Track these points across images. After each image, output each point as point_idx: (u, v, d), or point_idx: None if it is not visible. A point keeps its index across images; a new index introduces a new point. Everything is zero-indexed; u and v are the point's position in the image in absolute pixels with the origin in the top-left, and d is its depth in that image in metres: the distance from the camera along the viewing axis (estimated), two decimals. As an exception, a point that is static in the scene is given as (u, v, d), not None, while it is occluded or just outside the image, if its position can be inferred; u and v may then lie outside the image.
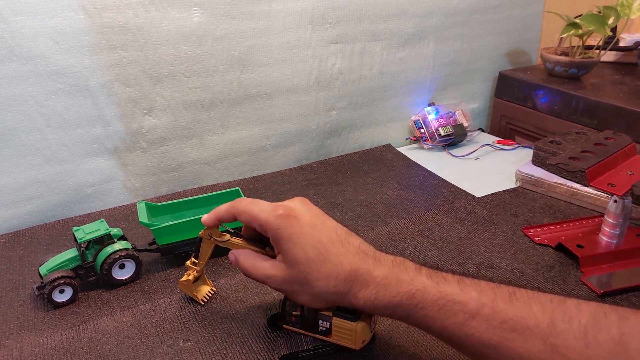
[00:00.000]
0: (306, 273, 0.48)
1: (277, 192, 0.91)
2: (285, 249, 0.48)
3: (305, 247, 0.48)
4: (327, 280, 0.47)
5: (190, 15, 0.82)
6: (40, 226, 0.81)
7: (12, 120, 0.75)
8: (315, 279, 0.47)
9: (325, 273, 0.47)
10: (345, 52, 0.99)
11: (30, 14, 0.71)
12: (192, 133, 0.90)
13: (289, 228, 0.49)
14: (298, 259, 0.48)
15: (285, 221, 0.49)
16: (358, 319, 0.49)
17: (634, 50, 1.21)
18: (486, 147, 1.09)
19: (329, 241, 0.49)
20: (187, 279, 0.60)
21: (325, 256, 0.48)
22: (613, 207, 0.67)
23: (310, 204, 0.53)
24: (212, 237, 0.56)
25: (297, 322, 0.53)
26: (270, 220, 0.49)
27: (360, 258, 0.48)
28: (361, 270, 0.47)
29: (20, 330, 0.59)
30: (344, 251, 0.49)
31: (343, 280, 0.47)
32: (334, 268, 0.47)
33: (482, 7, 1.11)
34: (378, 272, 0.47)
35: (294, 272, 0.48)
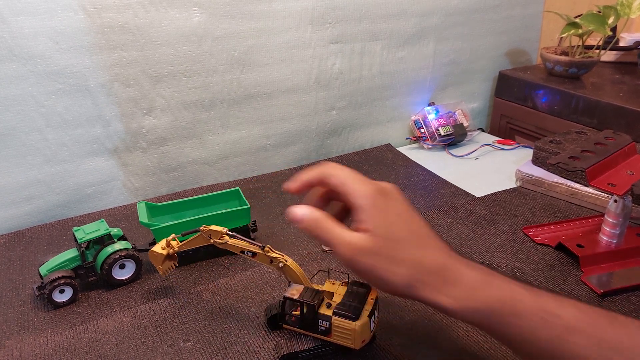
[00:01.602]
0: (394, 250, 0.44)
1: (277, 192, 0.91)
2: (377, 220, 0.45)
3: (400, 224, 0.46)
4: (414, 265, 0.44)
5: (190, 15, 0.82)
6: (40, 226, 0.81)
7: (12, 121, 0.75)
8: (401, 260, 0.44)
9: (413, 257, 0.45)
10: (345, 51, 0.99)
11: (30, 14, 0.71)
12: (192, 133, 0.90)
13: (385, 201, 0.47)
14: (389, 234, 0.45)
15: (382, 195, 0.47)
16: (357, 318, 0.49)
17: (633, 49, 1.21)
18: (486, 146, 1.09)
19: (422, 230, 0.47)
20: (160, 253, 0.60)
21: (418, 241, 0.46)
22: (613, 207, 0.67)
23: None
24: (211, 238, 0.56)
25: (297, 321, 0.53)
26: (367, 190, 0.47)
27: (451, 256, 0.46)
28: (453, 267, 0.45)
29: (21, 331, 0.59)
30: (435, 244, 0.46)
31: (430, 272, 0.44)
32: (424, 255, 0.45)
33: (482, 6, 1.11)
34: (470, 273, 0.44)
35: (380, 245, 0.44)
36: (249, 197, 0.86)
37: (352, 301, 0.51)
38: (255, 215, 0.81)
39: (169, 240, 0.60)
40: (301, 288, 0.53)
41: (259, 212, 0.84)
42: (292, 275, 0.54)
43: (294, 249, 0.74)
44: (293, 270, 0.54)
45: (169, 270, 0.62)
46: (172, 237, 0.61)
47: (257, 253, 0.55)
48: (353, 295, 0.52)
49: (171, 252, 0.60)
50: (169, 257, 0.61)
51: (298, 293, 0.52)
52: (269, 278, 0.66)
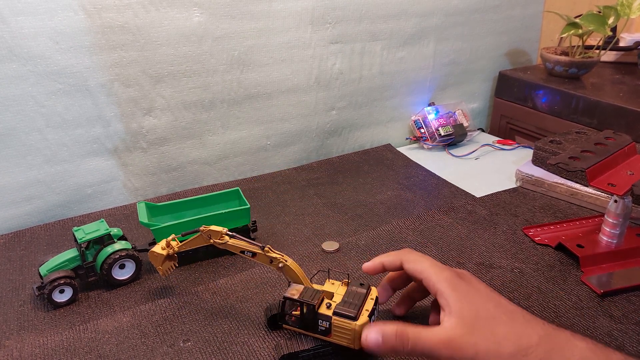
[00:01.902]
0: (492, 330, 0.44)
1: (277, 192, 0.91)
2: (462, 303, 0.45)
3: (485, 303, 0.46)
4: (519, 340, 0.43)
5: (190, 15, 0.82)
6: (40, 226, 0.81)
7: (12, 121, 0.75)
8: (504, 338, 0.43)
9: (514, 332, 0.43)
10: (345, 52, 0.99)
11: (30, 14, 0.71)
12: (192, 133, 0.90)
13: (465, 285, 0.47)
14: (479, 313, 0.45)
15: (461, 278, 0.48)
16: (357, 318, 0.49)
17: (634, 50, 1.21)
18: (486, 147, 1.09)
19: (509, 306, 0.47)
20: (160, 253, 0.60)
21: (511, 315, 0.45)
22: (613, 207, 0.67)
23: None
24: (211, 238, 0.57)
25: (297, 321, 0.53)
26: (442, 276, 0.48)
27: (553, 327, 0.45)
28: (558, 336, 0.43)
29: (21, 331, 0.59)
30: (530, 317, 0.46)
31: (537, 344, 0.42)
32: (524, 329, 0.44)
33: (482, 6, 1.11)
34: (580, 342, 0.43)
35: (476, 329, 0.44)
36: (249, 197, 0.86)
37: (352, 301, 0.51)
38: (255, 215, 0.81)
39: (168, 241, 0.60)
40: (301, 288, 0.53)
41: (259, 212, 0.84)
42: (292, 275, 0.54)
43: (294, 248, 0.74)
44: (293, 270, 0.54)
45: (169, 270, 0.62)
46: (172, 238, 0.61)
47: (257, 253, 0.55)
48: (353, 295, 0.52)
49: (171, 253, 0.60)
50: (169, 257, 0.61)
51: (298, 293, 0.52)
52: (269, 278, 0.66)
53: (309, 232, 0.78)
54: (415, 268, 0.51)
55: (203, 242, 0.58)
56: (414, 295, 0.57)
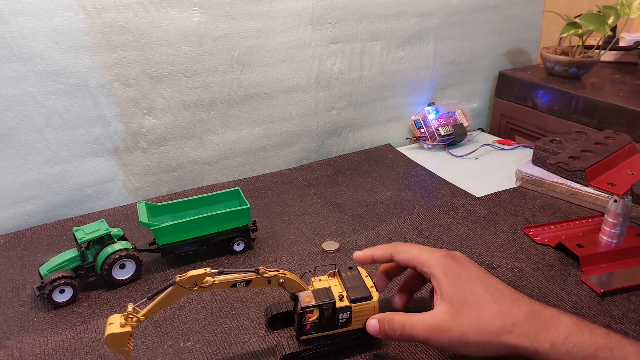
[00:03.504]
0: (478, 312, 0.46)
1: (277, 192, 0.91)
2: (454, 285, 0.48)
3: (475, 285, 0.47)
4: (504, 318, 0.45)
5: (190, 15, 0.82)
6: (40, 226, 0.81)
7: (12, 121, 0.75)
8: (489, 318, 0.45)
9: (500, 311, 0.45)
10: (345, 52, 0.99)
11: (30, 14, 0.71)
12: (192, 133, 0.90)
13: (456, 267, 0.49)
14: (468, 297, 0.46)
15: (450, 261, 0.50)
16: (372, 296, 0.51)
17: (633, 49, 1.21)
18: (486, 146, 1.09)
19: (498, 284, 0.49)
20: (123, 332, 0.45)
21: (499, 295, 0.47)
22: (613, 207, 0.67)
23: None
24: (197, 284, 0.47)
25: (315, 326, 0.52)
26: (435, 259, 0.50)
27: (539, 304, 0.47)
28: (544, 312, 0.45)
29: (21, 331, 0.59)
30: (517, 295, 0.47)
31: (522, 320, 0.44)
32: (510, 307, 0.46)
33: (482, 6, 1.11)
34: (565, 317, 0.45)
35: (463, 311, 0.46)
36: (249, 197, 0.86)
37: (356, 284, 0.52)
38: (255, 215, 0.81)
39: (128, 312, 0.46)
40: (310, 294, 0.52)
41: (259, 212, 0.84)
42: (294, 286, 0.52)
43: (294, 248, 0.74)
44: (293, 280, 0.52)
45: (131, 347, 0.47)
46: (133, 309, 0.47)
47: (252, 279, 0.50)
48: (352, 280, 0.53)
49: (135, 325, 0.47)
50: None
51: (312, 299, 0.51)
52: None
53: (309, 232, 0.78)
54: (406, 257, 0.52)
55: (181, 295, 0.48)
56: (410, 287, 0.58)
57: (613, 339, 0.44)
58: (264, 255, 0.72)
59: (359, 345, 0.54)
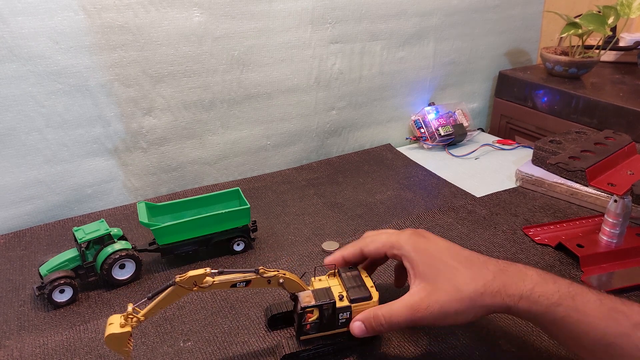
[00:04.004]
0: (451, 281, 0.47)
1: (277, 192, 0.91)
2: (425, 262, 0.49)
3: (444, 256, 0.49)
4: (476, 281, 0.47)
5: (190, 15, 0.82)
6: (40, 226, 0.81)
7: (12, 121, 0.75)
8: (463, 284, 0.47)
9: (471, 276, 0.47)
10: (345, 52, 0.99)
11: (30, 14, 0.71)
12: (192, 133, 0.90)
13: (424, 242, 0.51)
14: (440, 269, 0.48)
15: (418, 238, 0.51)
16: (372, 296, 0.52)
17: (633, 49, 1.21)
18: (486, 146, 1.09)
19: (465, 252, 0.51)
20: (123, 332, 0.45)
21: (468, 262, 0.49)
22: (613, 207, 0.67)
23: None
24: (197, 284, 0.47)
25: (315, 326, 0.52)
26: (402, 239, 0.51)
27: (505, 262, 0.49)
28: (510, 268, 0.48)
29: (21, 331, 0.59)
30: (485, 259, 0.49)
31: (492, 279, 0.47)
32: (480, 270, 0.48)
33: (482, 6, 1.11)
34: (530, 270, 0.47)
35: (438, 284, 0.48)
36: (249, 197, 0.86)
37: (356, 284, 0.53)
38: (255, 215, 0.81)
39: (128, 312, 0.46)
40: (310, 294, 0.52)
41: (259, 212, 0.84)
42: (294, 286, 0.52)
43: (294, 248, 0.74)
44: (293, 280, 0.52)
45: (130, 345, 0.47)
46: (133, 309, 0.47)
47: (251, 280, 0.50)
48: (351, 280, 0.53)
49: (135, 325, 0.47)
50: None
51: (312, 299, 0.51)
52: (269, 278, 0.66)
53: (309, 232, 0.78)
54: (376, 247, 0.53)
55: (181, 295, 0.48)
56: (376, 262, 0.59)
57: (575, 287, 0.46)
58: (264, 255, 0.72)
59: (359, 345, 0.54)
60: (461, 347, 0.55)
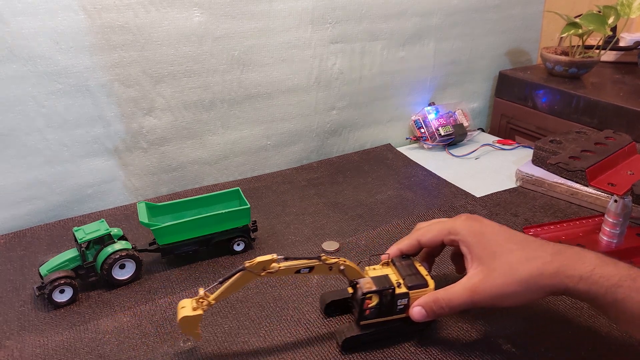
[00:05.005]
0: (508, 262, 0.48)
1: (277, 192, 0.91)
2: (481, 245, 0.50)
3: (500, 239, 0.50)
4: (533, 262, 0.47)
5: (190, 15, 0.82)
6: (40, 226, 0.81)
7: (13, 121, 0.75)
8: (520, 266, 0.47)
9: (528, 257, 0.48)
10: (346, 51, 0.99)
11: (30, 14, 0.71)
12: (192, 133, 0.90)
13: (479, 226, 0.52)
14: (496, 251, 0.49)
15: (473, 222, 0.53)
16: (428, 284, 0.53)
17: (634, 49, 1.21)
18: (486, 146, 1.09)
19: (520, 235, 0.51)
20: (196, 315, 0.49)
21: (524, 243, 0.49)
22: (613, 207, 0.67)
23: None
24: (265, 270, 0.50)
25: (375, 312, 0.53)
26: (458, 224, 0.53)
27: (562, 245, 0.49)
28: (568, 250, 0.48)
29: (21, 331, 0.59)
30: (541, 241, 0.50)
31: (550, 261, 0.47)
32: (536, 251, 0.48)
33: (482, 6, 1.11)
34: (589, 253, 0.47)
35: (495, 266, 0.49)
36: (249, 197, 0.86)
37: (412, 272, 0.54)
38: (255, 215, 0.81)
39: (200, 296, 0.50)
40: (370, 280, 0.53)
41: (259, 212, 0.84)
42: (354, 273, 0.54)
43: (294, 249, 0.74)
44: (353, 267, 0.53)
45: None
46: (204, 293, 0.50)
47: (314, 266, 0.52)
48: (406, 269, 0.55)
49: (206, 308, 0.50)
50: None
51: (372, 285, 0.53)
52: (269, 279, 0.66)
53: (309, 232, 0.78)
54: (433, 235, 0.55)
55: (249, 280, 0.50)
56: (433, 253, 0.60)
57: (635, 270, 0.45)
58: (264, 255, 0.72)
59: (417, 330, 0.55)
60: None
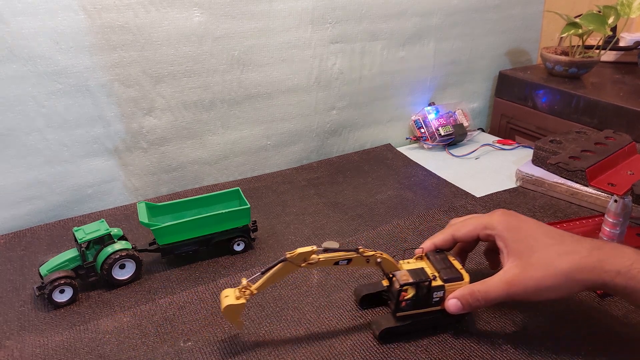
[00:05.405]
0: (545, 257, 0.49)
1: (277, 192, 0.91)
2: (518, 240, 0.51)
3: (536, 233, 0.51)
4: (570, 257, 0.48)
5: (190, 15, 0.82)
6: (40, 226, 0.81)
7: (13, 121, 0.75)
8: (557, 260, 0.48)
9: (565, 251, 0.48)
10: (346, 51, 0.99)
11: (30, 14, 0.71)
12: (192, 133, 0.90)
13: (515, 221, 0.52)
14: (533, 246, 0.50)
15: (509, 217, 0.53)
16: (463, 277, 0.54)
17: (634, 49, 1.21)
18: (486, 146, 1.09)
19: (557, 230, 0.52)
20: (240, 303, 0.51)
21: (560, 238, 0.50)
22: (613, 207, 0.67)
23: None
24: (305, 261, 0.51)
25: (411, 304, 0.54)
26: (494, 219, 0.53)
27: (599, 240, 0.50)
28: (606, 245, 0.48)
29: (21, 331, 0.59)
30: (578, 237, 0.50)
31: (587, 255, 0.47)
32: (574, 246, 0.48)
33: (482, 6, 1.11)
34: (626, 248, 0.47)
35: (532, 260, 0.49)
36: (249, 197, 0.86)
37: (447, 266, 0.55)
38: (255, 215, 0.81)
39: (243, 285, 0.52)
40: (406, 273, 0.54)
41: (259, 212, 0.84)
42: (390, 266, 0.55)
43: (295, 248, 0.73)
44: (390, 260, 0.54)
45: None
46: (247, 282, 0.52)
47: (353, 258, 0.53)
48: (440, 262, 0.56)
49: (249, 297, 0.52)
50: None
51: (409, 277, 0.53)
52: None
53: (309, 232, 0.78)
54: (468, 230, 0.55)
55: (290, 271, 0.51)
56: (466, 248, 0.61)
57: None
58: (265, 255, 0.72)
59: (452, 322, 0.56)
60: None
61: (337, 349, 0.54)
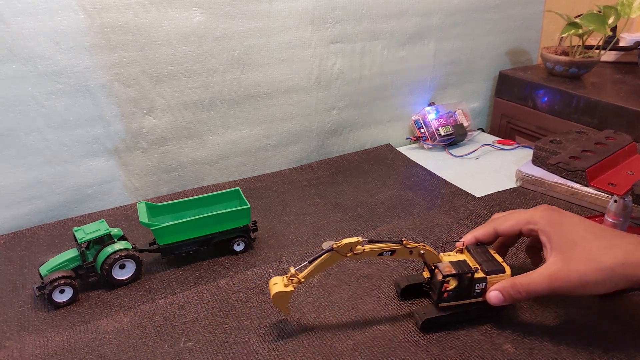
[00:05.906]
0: (589, 251, 0.49)
1: (277, 192, 0.91)
2: (561, 234, 0.51)
3: (579, 229, 0.51)
4: (614, 252, 0.48)
5: (190, 15, 0.82)
6: (40, 226, 0.81)
7: (13, 121, 0.75)
8: (601, 255, 0.48)
9: (608, 246, 0.49)
10: (346, 51, 0.99)
11: (30, 14, 0.71)
12: (192, 133, 0.90)
13: (558, 217, 0.53)
14: (576, 241, 0.50)
15: (551, 212, 0.53)
16: (505, 270, 0.55)
17: (634, 49, 1.21)
18: (486, 146, 1.09)
19: (599, 225, 0.52)
20: (289, 291, 0.52)
21: (603, 233, 0.50)
22: (613, 207, 0.67)
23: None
24: (352, 250, 0.52)
25: (453, 295, 0.55)
26: (537, 215, 0.54)
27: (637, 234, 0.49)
28: None
29: (21, 331, 0.59)
30: (621, 232, 0.51)
31: (633, 250, 0.47)
32: (617, 241, 0.49)
33: (483, 6, 1.11)
34: None
35: (575, 255, 0.49)
36: (249, 197, 0.86)
37: (488, 259, 0.56)
38: (255, 215, 0.81)
39: (291, 274, 0.53)
40: (448, 264, 0.55)
41: (259, 212, 0.84)
42: (433, 258, 0.56)
43: (294, 248, 0.74)
44: (432, 252, 0.55)
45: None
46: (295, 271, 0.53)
47: (397, 249, 0.54)
48: (482, 255, 0.56)
49: (297, 285, 0.53)
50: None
51: (452, 269, 0.54)
52: (269, 278, 0.66)
53: (310, 232, 0.78)
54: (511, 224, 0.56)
55: (336, 261, 0.52)
56: (507, 243, 0.61)
57: None
58: (265, 255, 0.72)
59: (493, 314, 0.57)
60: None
61: (337, 349, 0.54)
